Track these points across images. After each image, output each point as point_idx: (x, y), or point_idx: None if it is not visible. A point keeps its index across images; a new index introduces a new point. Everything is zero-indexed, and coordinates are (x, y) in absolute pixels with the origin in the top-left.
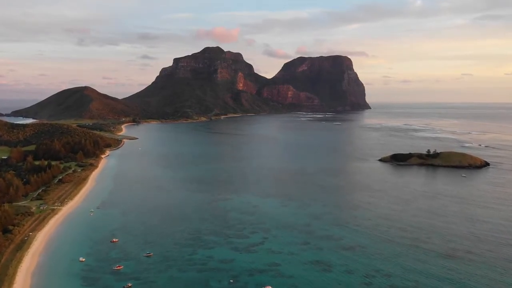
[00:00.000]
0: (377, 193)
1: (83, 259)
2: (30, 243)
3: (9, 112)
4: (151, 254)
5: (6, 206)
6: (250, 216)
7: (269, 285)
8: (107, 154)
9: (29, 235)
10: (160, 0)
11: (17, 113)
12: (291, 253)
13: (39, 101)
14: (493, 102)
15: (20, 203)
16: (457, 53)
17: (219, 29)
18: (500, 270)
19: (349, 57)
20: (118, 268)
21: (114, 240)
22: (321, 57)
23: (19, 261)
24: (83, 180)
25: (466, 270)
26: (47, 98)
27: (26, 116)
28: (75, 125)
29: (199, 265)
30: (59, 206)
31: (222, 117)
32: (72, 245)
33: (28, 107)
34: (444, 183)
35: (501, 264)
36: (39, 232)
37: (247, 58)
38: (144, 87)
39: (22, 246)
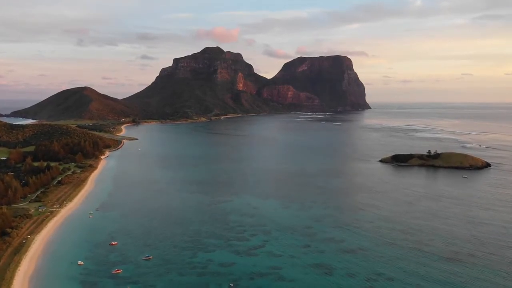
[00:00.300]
0: (378, 194)
1: (82, 263)
2: (28, 246)
3: (8, 112)
4: (151, 257)
5: (4, 208)
6: (250, 218)
7: None
8: (106, 155)
9: (27, 238)
10: (160, 0)
11: (16, 114)
12: (292, 256)
13: (38, 101)
14: (493, 102)
15: (18, 205)
16: (457, 53)
17: (219, 29)
18: (503, 274)
19: (349, 57)
20: (117, 271)
21: (113, 243)
22: (321, 57)
23: (17, 265)
24: (82, 181)
25: (469, 274)
26: (46, 99)
27: (26, 117)
28: (75, 125)
29: (199, 269)
30: (58, 208)
31: (222, 117)
32: (71, 248)
33: (28, 108)
34: (445, 185)
35: (504, 267)
36: (38, 235)
37: (247, 58)
38: (144, 87)
39: (20, 249)
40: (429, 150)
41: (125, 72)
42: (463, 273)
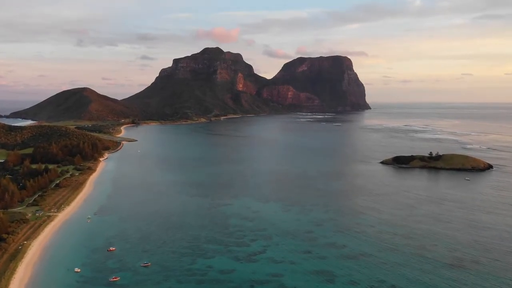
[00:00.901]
0: (379, 197)
1: (79, 270)
2: (25, 252)
3: (8, 113)
4: (149, 264)
5: (1, 213)
6: (251, 222)
7: None
8: (105, 157)
9: (23, 243)
10: (160, 0)
11: (16, 115)
12: (292, 262)
13: (38, 102)
14: (493, 102)
15: (15, 209)
16: (457, 53)
17: (218, 29)
18: (508, 281)
19: (349, 57)
20: (115, 279)
21: (111, 249)
22: (321, 57)
23: (13, 272)
24: (81, 184)
25: (473, 281)
26: (46, 99)
27: (25, 118)
28: (74, 127)
29: (199, 276)
30: (56, 213)
31: (222, 118)
32: (68, 254)
33: (27, 108)
34: (447, 187)
35: (509, 274)
36: (34, 241)
37: (247, 58)
38: (143, 87)
39: (16, 255)
40: (430, 152)
41: (124, 72)
42: (468, 281)
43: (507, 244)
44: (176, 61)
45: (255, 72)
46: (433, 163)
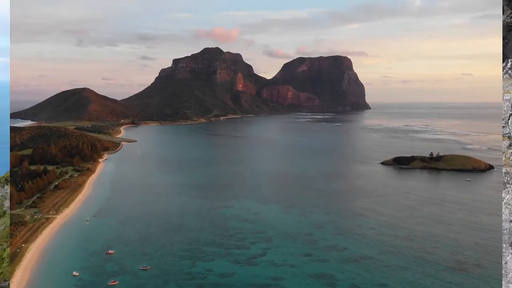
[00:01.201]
0: (380, 198)
1: (77, 273)
2: (23, 255)
3: None
4: (148, 267)
5: None
6: (251, 224)
7: None
8: (105, 158)
9: (21, 246)
10: (160, 0)
11: (15, 115)
12: (293, 266)
13: (38, 102)
14: (493, 102)
15: (13, 212)
16: (457, 53)
17: (218, 29)
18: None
19: (349, 57)
20: (113, 283)
21: (110, 252)
22: (321, 57)
23: (10, 276)
24: (80, 186)
25: (475, 284)
26: (46, 100)
27: (25, 118)
28: (73, 127)
29: (198, 280)
30: (54, 215)
31: (222, 118)
32: (66, 257)
33: (27, 109)
34: (448, 188)
35: None
36: (32, 243)
37: (247, 58)
38: (143, 87)
39: (14, 259)
40: (431, 152)
41: (124, 72)
42: (470, 284)
43: None
44: (176, 61)
45: (255, 72)
46: (433, 164)
